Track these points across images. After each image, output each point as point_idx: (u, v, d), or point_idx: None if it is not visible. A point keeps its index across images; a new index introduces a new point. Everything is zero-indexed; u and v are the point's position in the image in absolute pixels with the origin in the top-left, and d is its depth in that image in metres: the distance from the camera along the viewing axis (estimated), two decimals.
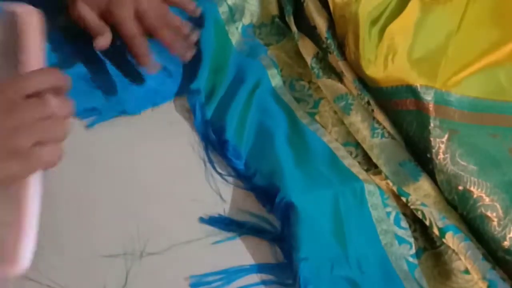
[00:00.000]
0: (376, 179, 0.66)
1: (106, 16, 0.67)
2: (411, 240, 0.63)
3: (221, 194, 0.63)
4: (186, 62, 0.70)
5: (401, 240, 0.62)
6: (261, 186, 0.64)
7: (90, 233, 0.58)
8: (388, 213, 0.64)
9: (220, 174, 0.65)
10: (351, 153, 0.69)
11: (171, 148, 0.66)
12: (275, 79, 0.74)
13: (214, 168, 0.65)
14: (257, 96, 0.71)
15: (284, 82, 0.75)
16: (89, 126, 0.66)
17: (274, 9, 0.80)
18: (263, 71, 0.74)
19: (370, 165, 0.68)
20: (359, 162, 0.68)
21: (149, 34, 0.68)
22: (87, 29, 0.66)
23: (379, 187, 0.65)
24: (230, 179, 0.64)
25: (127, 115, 0.67)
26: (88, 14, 0.66)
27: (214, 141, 0.67)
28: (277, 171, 0.63)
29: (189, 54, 0.70)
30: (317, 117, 0.72)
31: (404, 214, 0.64)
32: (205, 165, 0.65)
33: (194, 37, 0.71)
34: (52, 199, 0.59)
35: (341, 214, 0.62)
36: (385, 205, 0.64)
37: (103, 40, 0.65)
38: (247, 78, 0.72)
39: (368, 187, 0.64)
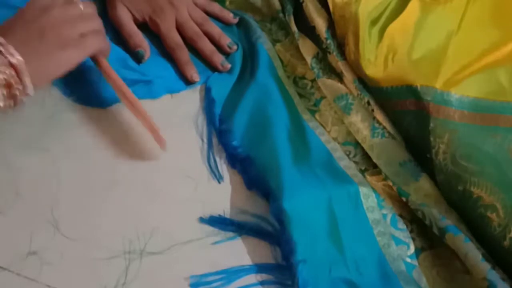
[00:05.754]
0: (373, 180, 0.66)
1: (150, 25, 0.74)
2: (408, 240, 0.63)
3: (222, 194, 0.63)
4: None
5: (398, 241, 0.62)
6: (253, 175, 0.64)
7: (90, 233, 0.58)
8: (384, 215, 0.64)
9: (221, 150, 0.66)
10: (350, 153, 0.69)
11: (172, 147, 0.65)
12: (280, 70, 0.74)
13: (214, 156, 0.66)
14: (260, 75, 0.72)
15: (288, 77, 0.75)
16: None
17: (277, 5, 0.81)
18: (269, 59, 0.74)
19: (368, 165, 0.68)
20: (357, 162, 0.68)
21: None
22: (121, 31, 0.72)
23: (374, 190, 0.65)
24: (230, 179, 0.64)
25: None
26: (125, 18, 0.73)
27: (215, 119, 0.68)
28: (273, 165, 0.63)
29: (227, 66, 0.73)
30: (317, 115, 0.72)
31: (400, 216, 0.64)
32: (208, 162, 0.65)
33: (233, 48, 0.75)
34: (51, 198, 0.59)
35: (335, 217, 0.61)
36: (381, 207, 0.64)
37: (146, 55, 0.72)
38: (250, 59, 0.74)
39: (363, 190, 0.64)
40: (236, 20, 0.79)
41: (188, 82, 0.72)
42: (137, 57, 0.71)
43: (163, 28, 0.73)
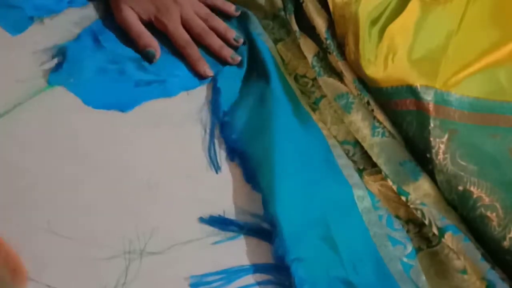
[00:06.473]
0: (370, 180, 0.66)
1: (156, 24, 0.74)
2: (405, 241, 0.63)
3: (222, 194, 0.63)
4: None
5: (394, 242, 0.62)
6: (249, 171, 0.64)
7: (90, 233, 0.58)
8: (380, 216, 0.64)
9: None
10: (348, 152, 0.69)
11: (172, 147, 0.66)
12: (282, 66, 0.75)
13: (214, 147, 0.66)
14: (262, 70, 0.72)
15: (289, 74, 0.75)
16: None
17: (279, 3, 0.81)
18: (271, 55, 0.75)
19: (367, 165, 0.68)
20: (356, 161, 0.68)
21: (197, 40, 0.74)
22: (129, 32, 0.72)
23: (369, 191, 0.65)
24: (230, 178, 0.64)
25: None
26: (132, 19, 0.73)
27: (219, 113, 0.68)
28: (266, 166, 0.63)
29: (237, 58, 0.74)
30: (317, 113, 0.72)
31: (397, 216, 0.64)
32: (209, 152, 0.65)
33: (240, 41, 0.76)
34: (50, 198, 0.59)
35: (328, 221, 0.61)
36: (376, 209, 0.64)
37: (157, 54, 0.72)
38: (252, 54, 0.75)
39: (357, 192, 0.64)
40: (238, 13, 0.79)
41: (202, 78, 0.72)
42: (148, 57, 0.71)
43: (170, 27, 0.73)
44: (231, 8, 0.79)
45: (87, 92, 0.67)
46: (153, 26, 0.75)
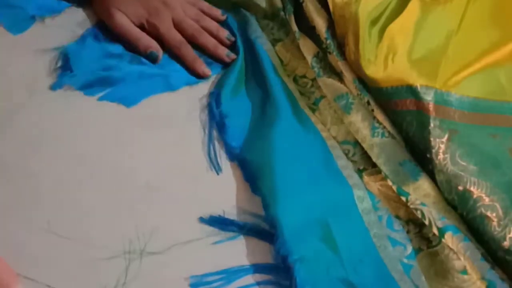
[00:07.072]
0: (370, 180, 0.66)
1: (148, 28, 0.73)
2: (405, 241, 0.62)
3: (222, 194, 0.63)
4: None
5: (394, 242, 0.62)
6: (249, 175, 0.64)
7: (90, 233, 0.58)
8: (380, 217, 0.64)
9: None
10: (348, 152, 0.69)
11: (172, 148, 0.66)
12: (280, 69, 0.74)
13: (214, 149, 0.66)
14: (260, 71, 0.73)
15: (288, 75, 0.75)
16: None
17: (279, 3, 0.81)
18: (269, 58, 0.75)
19: (367, 165, 0.68)
20: (355, 161, 0.68)
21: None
22: (126, 37, 0.72)
23: (369, 192, 0.65)
24: (230, 179, 0.64)
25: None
26: (127, 23, 0.73)
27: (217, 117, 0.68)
28: (267, 170, 0.64)
29: (232, 56, 0.74)
30: (316, 114, 0.72)
31: (397, 217, 0.64)
32: (208, 154, 0.65)
33: (232, 40, 0.76)
34: (50, 198, 0.59)
35: (328, 221, 0.61)
36: (376, 209, 0.64)
37: (160, 53, 0.72)
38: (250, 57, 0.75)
39: (357, 193, 0.64)
40: (224, 17, 0.79)
41: (200, 77, 0.72)
42: (152, 59, 0.72)
43: (163, 29, 0.73)
44: (217, 12, 0.79)
45: (89, 84, 0.68)
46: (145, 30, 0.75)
